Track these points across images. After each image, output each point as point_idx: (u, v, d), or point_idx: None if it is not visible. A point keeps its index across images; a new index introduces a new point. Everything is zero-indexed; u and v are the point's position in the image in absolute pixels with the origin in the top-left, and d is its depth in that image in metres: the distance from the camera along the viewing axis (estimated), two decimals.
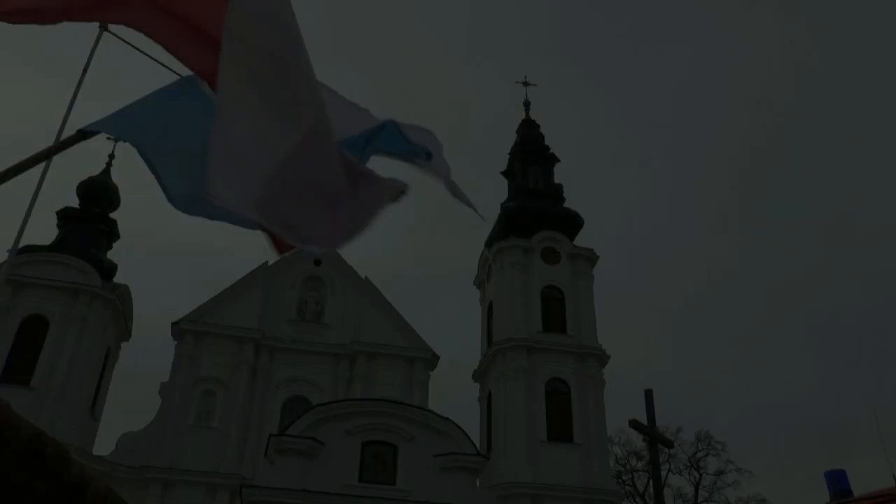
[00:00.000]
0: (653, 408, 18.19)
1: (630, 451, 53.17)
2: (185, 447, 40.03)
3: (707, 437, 53.60)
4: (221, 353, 42.78)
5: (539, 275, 45.12)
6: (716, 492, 53.22)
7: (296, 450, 20.90)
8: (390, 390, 40.79)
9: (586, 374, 42.45)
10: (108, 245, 44.73)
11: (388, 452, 21.84)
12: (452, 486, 21.56)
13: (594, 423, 41.30)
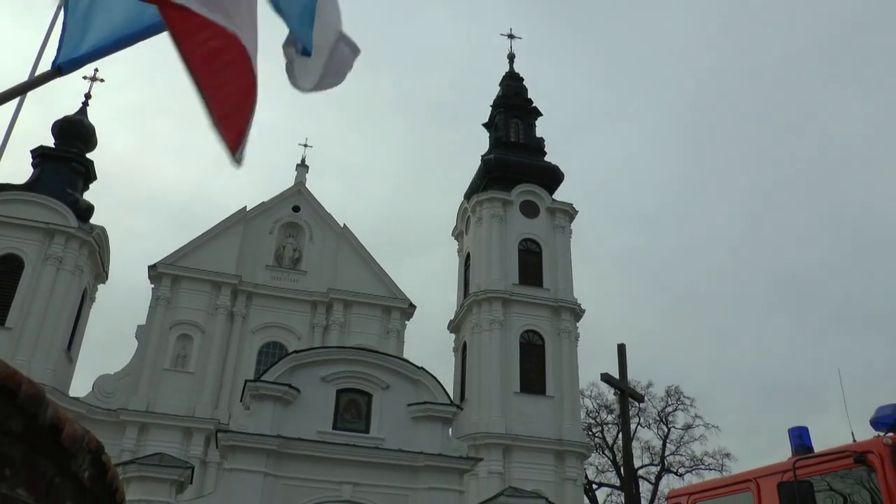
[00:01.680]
0: (625, 362, 18.50)
1: (601, 404, 54.06)
2: (161, 390, 40.22)
3: (677, 393, 54.56)
4: (198, 298, 42.78)
5: (517, 227, 45.31)
6: (682, 446, 54.33)
7: (271, 396, 21.05)
8: (366, 339, 41.11)
9: (561, 328, 42.92)
10: (84, 186, 44.23)
11: (362, 400, 22.07)
12: (425, 434, 21.87)
13: (567, 376, 41.88)
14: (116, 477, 2.87)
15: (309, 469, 20.54)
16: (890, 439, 6.23)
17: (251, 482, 19.88)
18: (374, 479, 20.95)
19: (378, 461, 21.08)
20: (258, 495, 19.79)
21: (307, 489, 20.59)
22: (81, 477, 2.38)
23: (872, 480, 6.14)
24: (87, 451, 2.31)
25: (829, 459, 6.55)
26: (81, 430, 2.20)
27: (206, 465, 39.66)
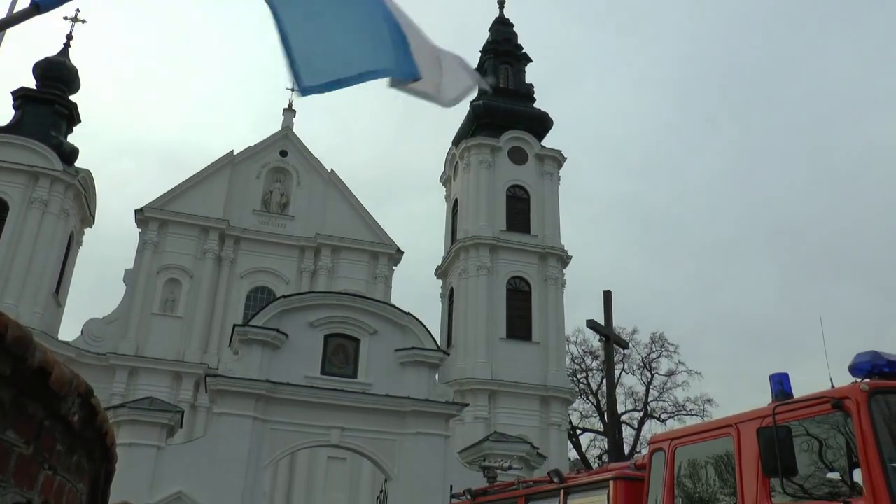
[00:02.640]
0: (611, 309, 18.66)
1: (586, 350, 54.59)
2: (150, 335, 40.37)
3: (661, 340, 55.14)
4: (186, 242, 42.70)
5: (505, 174, 45.23)
6: (665, 391, 55.11)
7: (259, 341, 21.16)
8: (354, 284, 41.23)
9: (547, 274, 43.13)
10: (68, 129, 43.70)
11: (350, 346, 22.21)
12: (412, 380, 22.09)
13: (553, 323, 42.23)
14: (106, 420, 2.91)
15: (297, 414, 20.75)
16: (867, 385, 6.35)
17: (240, 426, 20.10)
18: (361, 424, 21.20)
19: (365, 406, 21.31)
20: (247, 439, 20.03)
21: (296, 434, 20.84)
22: (71, 420, 2.41)
23: (848, 425, 6.27)
24: (77, 395, 2.34)
25: (807, 405, 6.67)
26: (70, 373, 2.23)
27: (196, 410, 40.02)
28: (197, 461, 19.62)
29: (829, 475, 6.43)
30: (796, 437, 6.49)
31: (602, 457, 51.14)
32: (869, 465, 5.98)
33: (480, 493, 12.63)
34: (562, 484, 10.01)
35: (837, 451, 6.37)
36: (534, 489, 10.94)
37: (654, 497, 8.27)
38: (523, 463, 22.92)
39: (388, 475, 21.42)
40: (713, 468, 7.75)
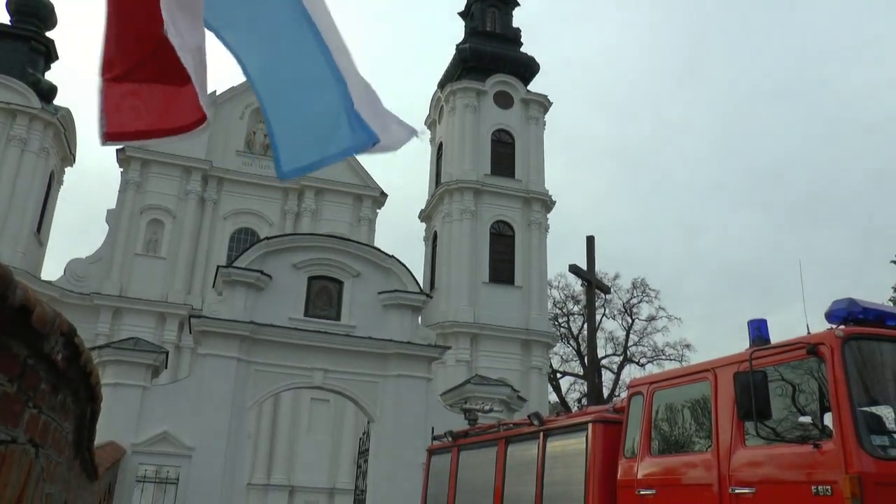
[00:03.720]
0: (593, 254, 18.75)
1: (568, 294, 54.97)
2: (133, 275, 40.30)
3: (642, 285, 55.55)
4: (169, 182, 42.39)
5: (490, 118, 44.96)
6: (645, 336, 55.72)
7: (243, 282, 21.15)
8: (337, 226, 41.17)
9: (531, 219, 43.22)
10: (45, 66, 42.86)
11: (333, 288, 22.25)
12: (395, 322, 22.21)
13: (535, 267, 42.46)
14: (90, 360, 2.93)
15: (281, 355, 20.88)
16: (842, 332, 6.45)
17: (224, 367, 20.22)
18: (344, 366, 21.37)
19: (349, 348, 21.45)
20: (231, 380, 20.17)
21: (279, 375, 20.99)
22: (55, 359, 2.43)
23: (822, 371, 6.39)
24: (59, 334, 2.35)
25: (783, 351, 6.78)
26: (52, 311, 2.23)
27: (180, 350, 40.20)
28: (182, 401, 19.77)
29: (801, 419, 6.57)
30: (772, 381, 6.61)
31: (581, 400, 51.88)
32: (839, 409, 6.12)
33: (461, 435, 12.81)
34: (541, 426, 10.15)
35: (810, 395, 6.51)
36: (514, 431, 11.10)
37: (632, 439, 8.43)
38: (504, 406, 23.24)
39: (371, 417, 21.68)
40: (690, 412, 7.89)
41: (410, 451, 20.11)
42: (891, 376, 6.70)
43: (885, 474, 5.88)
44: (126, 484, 18.41)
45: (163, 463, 19.47)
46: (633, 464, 8.24)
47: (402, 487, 19.89)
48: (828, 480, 5.99)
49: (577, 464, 9.08)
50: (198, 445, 19.37)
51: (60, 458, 3.46)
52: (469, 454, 12.08)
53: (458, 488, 12.09)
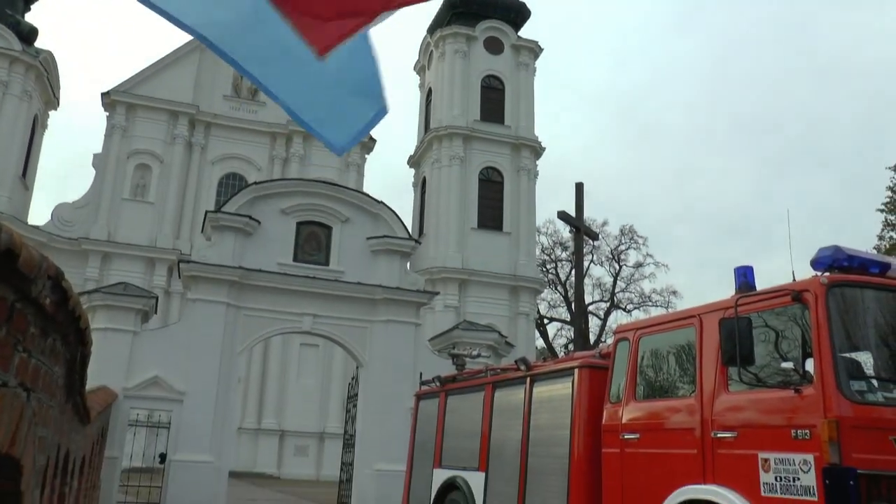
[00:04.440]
0: (582, 201, 18.75)
1: (556, 241, 55.09)
2: (121, 220, 40.17)
3: (630, 232, 55.70)
4: (155, 127, 42.01)
5: (480, 64, 44.53)
6: (632, 283, 56.06)
7: (232, 227, 21.07)
8: (326, 172, 41.00)
9: (520, 165, 43.13)
10: (25, 7, 41.99)
11: (322, 233, 22.21)
12: (384, 268, 22.24)
13: (524, 213, 42.50)
14: (78, 303, 2.94)
15: (270, 300, 20.92)
16: (826, 279, 6.51)
17: (214, 312, 20.25)
18: (333, 311, 21.44)
19: (337, 293, 21.50)
20: (221, 325, 20.22)
21: (269, 320, 21.06)
22: (43, 303, 2.44)
23: (805, 317, 6.46)
24: (47, 277, 2.36)
25: (768, 297, 6.84)
26: (39, 255, 2.23)
27: (170, 295, 40.28)
28: (172, 346, 19.84)
29: (783, 365, 6.67)
30: (756, 328, 6.69)
31: (568, 345, 52.42)
32: (821, 355, 6.21)
33: (449, 380, 12.92)
34: (528, 372, 10.26)
35: (793, 341, 6.59)
36: (501, 377, 11.21)
37: (618, 385, 8.54)
38: (491, 351, 23.44)
39: (360, 362, 21.84)
40: (675, 357, 7.98)
41: (399, 395, 20.33)
42: (872, 323, 6.79)
43: (862, 418, 5.99)
44: (118, 428, 18.58)
45: (154, 407, 19.64)
46: (618, 408, 8.36)
47: (391, 432, 20.15)
48: (807, 424, 6.11)
49: (563, 408, 9.21)
50: (189, 390, 19.51)
51: (52, 402, 3.49)
52: (457, 399, 12.22)
53: (446, 432, 12.25)
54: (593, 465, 8.59)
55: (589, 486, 8.58)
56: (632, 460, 8.02)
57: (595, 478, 8.53)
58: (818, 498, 5.92)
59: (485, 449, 10.82)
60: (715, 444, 6.97)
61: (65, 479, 6.15)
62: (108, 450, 17.47)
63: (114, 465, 18.27)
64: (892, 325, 6.87)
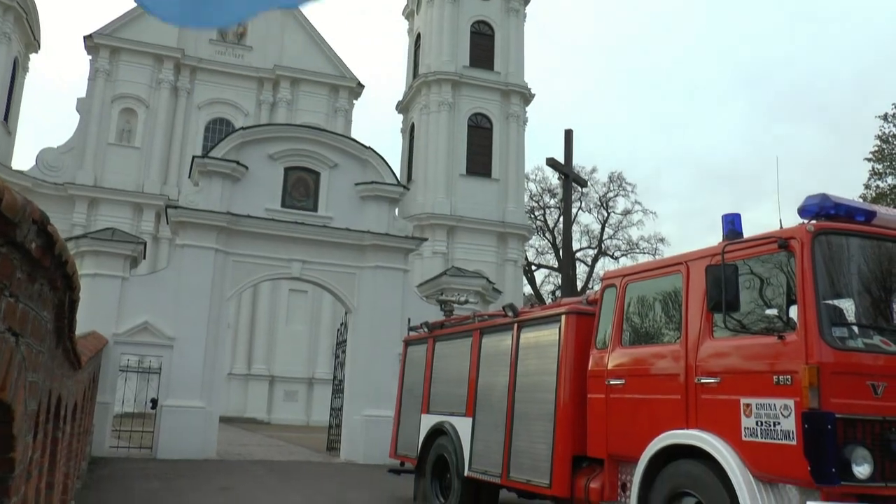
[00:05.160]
0: (571, 148, 18.71)
1: (545, 188, 55.09)
2: (108, 165, 39.85)
3: (619, 179, 55.71)
4: (140, 71, 41.44)
5: (470, 9, 43.93)
6: (620, 230, 56.26)
7: (219, 172, 20.95)
8: (313, 117, 40.68)
9: (510, 112, 42.88)
10: None
11: (310, 179, 22.12)
12: (372, 214, 22.21)
13: (513, 160, 42.38)
14: (65, 248, 2.93)
15: (259, 246, 20.91)
16: (812, 227, 6.54)
17: (203, 258, 20.24)
18: (322, 257, 21.46)
19: (326, 239, 21.50)
20: (210, 271, 20.22)
21: (258, 266, 21.08)
22: (29, 248, 2.43)
23: (791, 265, 6.51)
24: (31, 222, 2.34)
25: (755, 245, 6.87)
26: (23, 199, 2.21)
27: (158, 241, 40.19)
28: (161, 292, 19.86)
29: (767, 311, 6.74)
30: (742, 275, 6.74)
31: (556, 292, 52.76)
32: (805, 302, 6.28)
33: (437, 326, 13.00)
34: (516, 318, 10.33)
35: (778, 288, 6.65)
36: (488, 323, 11.29)
37: (604, 331, 8.62)
38: (479, 297, 23.58)
39: (348, 308, 21.94)
40: (661, 304, 8.05)
41: (387, 341, 20.48)
42: (856, 270, 6.85)
43: (842, 364, 6.09)
44: (109, 374, 18.68)
45: (145, 353, 19.73)
46: (604, 354, 8.45)
47: (379, 377, 20.35)
48: (789, 370, 6.20)
49: (549, 354, 9.30)
50: (178, 336, 19.60)
51: (42, 348, 3.50)
52: (444, 345, 12.32)
53: (434, 378, 12.38)
54: (579, 410, 8.71)
55: (574, 430, 8.71)
56: (617, 405, 8.14)
57: (580, 423, 8.65)
58: (797, 442, 6.04)
59: (472, 394, 10.94)
60: (698, 390, 7.07)
61: (57, 424, 6.19)
62: (99, 395, 17.59)
63: (106, 411, 18.43)
64: (876, 272, 6.94)
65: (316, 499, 13.21)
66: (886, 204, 29.77)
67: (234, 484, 14.63)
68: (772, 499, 6.36)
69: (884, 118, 34.41)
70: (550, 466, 8.84)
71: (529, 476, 9.28)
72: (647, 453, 7.42)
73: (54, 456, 6.38)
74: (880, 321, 6.82)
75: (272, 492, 13.75)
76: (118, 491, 13.03)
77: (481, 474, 10.37)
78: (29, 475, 3.79)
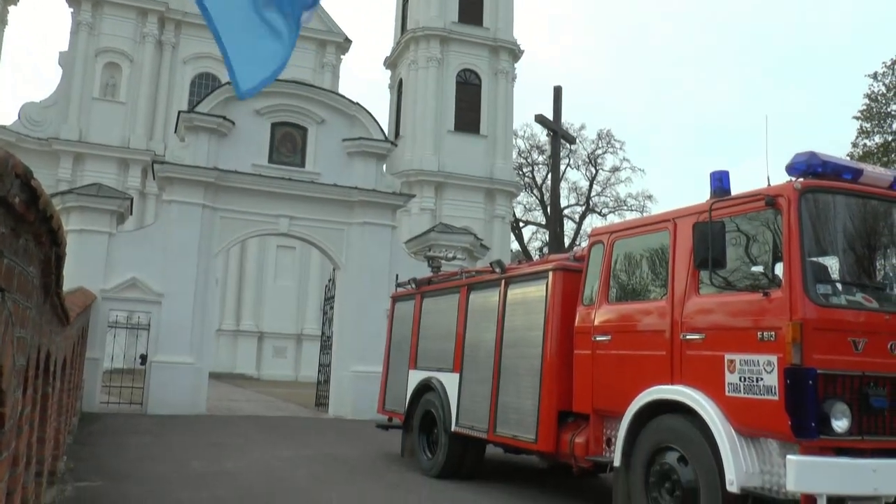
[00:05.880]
0: (560, 105, 18.64)
1: (533, 144, 54.88)
2: (92, 120, 39.43)
3: (608, 136, 55.55)
4: (123, 24, 40.83)
5: None
6: (608, 187, 56.22)
7: (206, 128, 20.77)
8: (301, 72, 40.19)
9: (498, 68, 42.56)
10: None
11: (297, 134, 21.96)
12: (360, 170, 22.11)
13: (501, 117, 42.18)
14: (49, 203, 2.91)
15: (246, 202, 20.81)
16: (800, 184, 6.57)
17: (190, 214, 20.13)
18: (309, 213, 21.39)
19: (313, 195, 21.42)
20: (198, 227, 20.14)
21: (245, 222, 21.00)
22: (12, 202, 2.42)
23: (777, 222, 6.54)
24: (14, 175, 2.33)
25: (743, 202, 6.89)
26: (4, 152, 2.20)
27: (145, 197, 39.98)
28: (149, 248, 19.79)
29: (753, 269, 6.79)
30: (729, 232, 6.77)
31: (543, 249, 52.90)
32: (790, 259, 6.32)
33: (424, 282, 13.03)
34: (503, 274, 10.37)
35: (764, 245, 6.69)
36: (476, 279, 11.32)
37: (591, 287, 8.67)
38: (467, 254, 23.61)
39: (336, 264, 21.95)
40: (648, 261, 8.09)
41: (375, 297, 20.52)
42: (841, 228, 6.90)
43: (824, 320, 6.17)
44: (98, 330, 18.69)
45: (133, 309, 19.72)
46: (591, 311, 8.51)
47: (367, 333, 20.43)
48: (773, 327, 6.27)
49: (536, 310, 9.35)
50: (167, 292, 19.58)
51: (29, 303, 3.50)
52: (432, 301, 12.36)
53: (422, 334, 12.44)
54: (565, 366, 8.79)
55: (560, 386, 8.80)
56: (602, 361, 8.22)
57: (566, 378, 8.74)
58: (779, 397, 6.13)
59: (459, 350, 11.02)
60: (683, 346, 7.15)
61: (47, 380, 6.21)
62: (89, 351, 17.62)
63: (95, 366, 18.47)
64: (861, 230, 6.99)
65: (304, 453, 13.34)
66: (873, 162, 29.87)
67: (224, 439, 14.75)
68: (752, 452, 6.47)
69: (873, 77, 34.33)
70: (536, 422, 8.94)
71: (515, 431, 9.39)
72: (632, 409, 7.52)
73: (45, 411, 6.41)
74: (863, 278, 6.89)
75: (262, 447, 13.88)
76: (109, 446, 13.12)
77: (468, 429, 10.49)
78: (20, 430, 3.82)
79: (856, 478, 5.94)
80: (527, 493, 10.19)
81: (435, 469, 11.23)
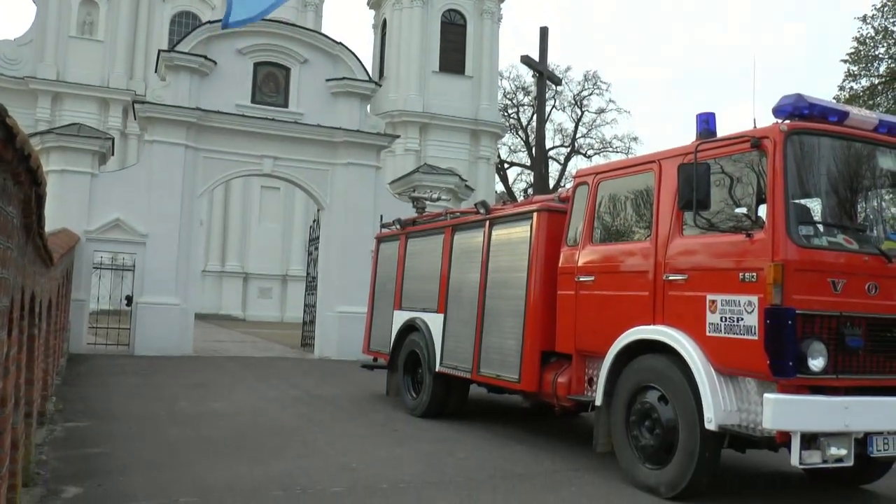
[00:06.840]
0: (546, 46, 18.46)
1: (518, 86, 54.41)
2: (70, 59, 38.74)
3: (594, 77, 55.12)
4: None
5: None
6: (594, 129, 55.99)
7: (187, 67, 20.45)
8: (283, 11, 39.39)
9: (483, 8, 42.03)
10: None
11: (280, 74, 21.69)
12: (344, 111, 21.91)
13: (487, 58, 41.77)
14: (27, 141, 2.88)
15: (229, 142, 20.62)
16: (786, 126, 6.56)
17: (173, 154, 19.94)
18: (293, 154, 21.24)
19: (297, 136, 21.24)
20: (181, 167, 19.96)
21: (228, 162, 20.83)
22: None
23: (762, 164, 6.55)
24: None
25: (728, 144, 6.88)
26: None
27: (127, 137, 39.55)
28: (132, 189, 19.62)
29: (737, 210, 6.81)
30: (714, 173, 6.77)
31: (528, 190, 52.83)
32: (774, 200, 6.34)
33: (409, 223, 13.02)
34: (487, 215, 10.36)
35: (749, 187, 6.71)
36: (460, 220, 11.32)
37: (575, 228, 8.69)
38: (451, 195, 23.59)
39: (321, 205, 21.88)
40: (633, 202, 8.09)
41: (359, 238, 20.50)
42: (826, 171, 6.92)
43: (805, 261, 6.22)
44: (83, 271, 18.65)
45: (117, 250, 19.66)
46: (575, 252, 8.54)
47: (352, 274, 20.48)
48: (754, 268, 6.33)
49: (520, 251, 9.38)
50: (151, 232, 19.49)
51: (10, 244, 3.48)
52: (417, 241, 12.37)
53: (406, 275, 12.47)
54: (548, 306, 8.85)
55: (544, 326, 8.87)
56: (586, 302, 8.28)
57: (550, 319, 8.81)
58: (758, 337, 6.22)
59: (444, 291, 11.07)
60: (666, 287, 7.20)
61: (32, 321, 6.21)
62: (74, 292, 17.60)
63: (81, 308, 18.48)
64: (845, 172, 7.01)
65: (290, 393, 13.48)
66: (859, 105, 29.84)
67: (211, 380, 14.86)
68: (731, 391, 6.59)
69: (863, 20, 34.04)
70: (519, 362, 9.04)
71: (499, 371, 9.50)
72: (614, 349, 7.61)
73: (32, 352, 6.43)
74: (845, 220, 6.94)
75: (248, 387, 14.01)
76: (97, 386, 13.20)
77: (452, 370, 10.59)
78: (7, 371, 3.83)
79: (828, 415, 6.07)
80: (510, 431, 10.36)
81: (419, 408, 11.38)
